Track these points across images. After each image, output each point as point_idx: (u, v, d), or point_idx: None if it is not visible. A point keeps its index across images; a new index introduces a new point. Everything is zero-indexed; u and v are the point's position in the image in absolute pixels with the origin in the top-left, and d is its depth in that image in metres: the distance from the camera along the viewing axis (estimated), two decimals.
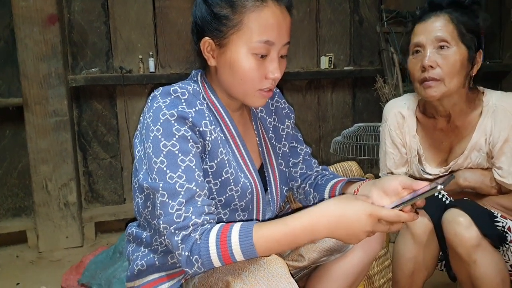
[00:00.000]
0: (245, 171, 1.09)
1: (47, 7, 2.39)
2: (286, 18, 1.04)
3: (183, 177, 0.94)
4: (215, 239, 0.89)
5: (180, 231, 0.91)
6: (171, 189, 0.93)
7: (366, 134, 2.61)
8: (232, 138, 1.10)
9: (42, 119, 2.45)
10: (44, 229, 2.52)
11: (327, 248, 1.19)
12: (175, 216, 0.91)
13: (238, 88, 1.04)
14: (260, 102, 1.07)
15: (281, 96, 1.30)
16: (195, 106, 1.00)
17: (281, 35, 1.02)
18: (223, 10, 1.01)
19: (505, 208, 1.34)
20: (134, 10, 2.75)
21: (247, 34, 1.00)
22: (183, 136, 0.96)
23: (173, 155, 0.95)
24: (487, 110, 1.37)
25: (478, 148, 1.38)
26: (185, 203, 0.92)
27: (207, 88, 1.11)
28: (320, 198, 1.21)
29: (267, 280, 0.89)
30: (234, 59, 1.01)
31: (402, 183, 1.00)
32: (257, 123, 1.23)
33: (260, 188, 1.11)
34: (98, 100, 2.77)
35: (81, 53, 2.69)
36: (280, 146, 1.26)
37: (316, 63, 3.17)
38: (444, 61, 1.31)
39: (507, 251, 1.30)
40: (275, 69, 1.02)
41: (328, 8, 3.16)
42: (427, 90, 1.34)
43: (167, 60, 2.86)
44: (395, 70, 3.06)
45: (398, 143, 1.51)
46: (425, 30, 1.34)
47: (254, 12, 0.99)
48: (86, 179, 2.80)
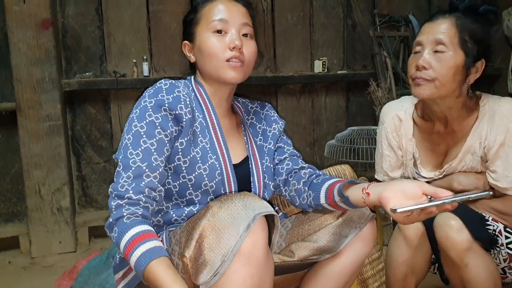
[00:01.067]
0: (217, 154, 1.20)
1: (41, 12, 2.39)
2: (236, 5, 1.24)
3: (140, 155, 1.08)
4: (128, 238, 1.01)
5: (117, 199, 1.05)
6: (126, 163, 1.08)
7: (359, 137, 2.62)
8: (212, 125, 1.23)
9: (35, 124, 2.44)
10: (37, 234, 2.51)
11: (317, 248, 1.22)
12: (120, 185, 1.06)
13: (209, 65, 1.20)
14: (231, 73, 1.19)
15: (272, 108, 1.44)
16: (173, 93, 1.15)
17: (233, 14, 1.22)
18: (190, 16, 1.27)
19: (498, 211, 1.35)
20: (128, 14, 2.75)
21: (205, 20, 1.22)
22: (152, 122, 1.10)
23: (138, 135, 1.10)
24: (483, 114, 1.37)
25: (473, 151, 1.39)
26: (132, 178, 1.06)
27: (197, 83, 1.28)
28: (316, 198, 1.24)
29: (242, 200, 1.02)
30: (200, 43, 1.22)
31: (424, 189, 1.04)
32: (245, 128, 1.34)
33: (231, 173, 1.20)
34: (92, 105, 2.77)
35: (75, 57, 2.69)
36: (266, 144, 1.35)
37: (310, 67, 3.19)
38: (438, 64, 1.30)
39: (498, 254, 1.31)
40: (234, 38, 1.19)
41: (322, 13, 3.18)
42: (416, 88, 1.34)
43: (161, 64, 2.86)
44: (388, 74, 3.08)
45: (394, 145, 1.52)
46: (429, 31, 1.34)
47: (208, 5, 1.23)
48: (80, 184, 2.79)
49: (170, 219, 1.19)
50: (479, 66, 1.34)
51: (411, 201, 1.03)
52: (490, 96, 1.41)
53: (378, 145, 1.58)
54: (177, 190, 1.18)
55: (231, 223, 0.97)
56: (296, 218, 1.33)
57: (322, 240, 1.21)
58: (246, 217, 0.97)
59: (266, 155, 1.33)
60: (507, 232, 1.32)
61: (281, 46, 3.11)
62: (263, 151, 1.34)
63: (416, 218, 1.04)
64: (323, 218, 1.25)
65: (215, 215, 1.00)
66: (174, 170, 1.17)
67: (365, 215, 1.23)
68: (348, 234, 1.22)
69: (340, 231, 1.22)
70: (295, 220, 1.32)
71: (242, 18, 1.23)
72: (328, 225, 1.23)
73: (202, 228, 0.99)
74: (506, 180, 1.32)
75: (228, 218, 0.98)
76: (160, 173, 1.10)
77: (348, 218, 1.23)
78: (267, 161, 1.33)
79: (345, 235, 1.22)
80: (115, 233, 1.03)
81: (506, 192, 1.33)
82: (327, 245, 1.21)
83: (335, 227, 1.23)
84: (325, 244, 1.21)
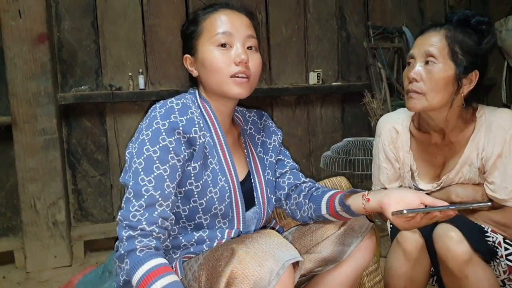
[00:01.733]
0: (226, 175, 1.16)
1: (37, 26, 2.39)
2: (240, 16, 1.19)
3: (153, 182, 1.03)
4: (143, 273, 0.96)
5: (129, 229, 0.99)
6: (138, 190, 1.02)
7: (355, 148, 2.62)
8: (220, 144, 1.19)
9: (30, 138, 2.43)
10: (32, 249, 2.48)
11: (322, 259, 1.23)
12: (132, 215, 1.00)
13: (213, 80, 1.15)
14: (236, 89, 1.15)
15: (269, 118, 1.41)
16: (187, 114, 1.10)
17: (237, 27, 1.16)
18: (190, 29, 1.21)
19: (496, 223, 1.35)
20: (123, 28, 2.76)
21: (207, 33, 1.16)
22: (166, 147, 1.05)
23: (151, 160, 1.04)
24: (480, 125, 1.38)
25: (470, 162, 1.39)
26: (145, 207, 1.01)
27: (202, 99, 1.22)
28: (317, 209, 1.24)
29: (268, 244, 0.97)
30: (203, 57, 1.16)
31: (423, 200, 1.06)
32: (245, 139, 1.31)
33: (239, 194, 1.18)
34: (88, 118, 2.76)
35: (70, 71, 2.69)
36: (267, 157, 1.34)
37: (305, 79, 3.20)
38: (428, 76, 1.32)
39: (498, 266, 1.31)
40: (239, 52, 1.14)
41: (316, 25, 3.20)
42: (409, 101, 1.36)
43: (157, 77, 2.86)
44: (383, 85, 3.10)
45: (391, 158, 1.52)
46: (420, 43, 1.36)
47: (208, 18, 1.18)
48: (75, 197, 2.77)
49: (179, 244, 1.15)
50: (472, 78, 1.35)
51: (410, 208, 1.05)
52: (486, 107, 1.41)
53: (375, 157, 1.58)
54: (186, 214, 1.15)
55: (259, 271, 0.94)
56: (297, 230, 1.32)
57: (326, 250, 1.22)
58: (275, 265, 0.94)
59: (267, 168, 1.32)
60: (507, 244, 1.32)
61: (276, 58, 3.13)
62: (264, 164, 1.32)
63: (417, 223, 1.05)
64: (325, 229, 1.26)
65: (242, 261, 0.96)
66: (184, 195, 1.13)
67: (365, 224, 1.24)
68: (351, 244, 1.22)
69: (343, 241, 1.22)
70: (296, 232, 1.32)
71: (246, 30, 1.18)
72: (331, 235, 1.24)
73: (229, 276, 0.96)
74: (504, 191, 1.32)
75: (256, 266, 0.94)
76: (172, 201, 1.06)
77: (349, 227, 1.24)
78: (268, 174, 1.31)
79: (348, 244, 1.22)
80: (126, 265, 0.98)
81: (505, 204, 1.33)
82: (331, 255, 1.21)
83: (338, 237, 1.23)
84: (329, 254, 1.21)
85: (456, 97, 1.34)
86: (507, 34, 3.25)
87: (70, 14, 2.65)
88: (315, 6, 3.19)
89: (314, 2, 3.18)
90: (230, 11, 1.19)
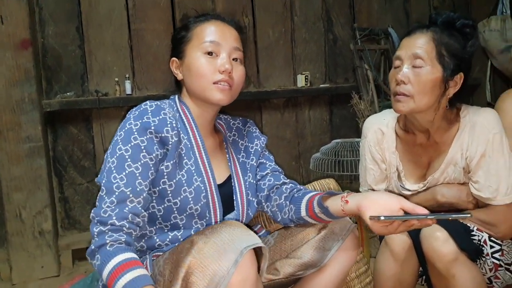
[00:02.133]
0: (203, 176, 1.19)
1: (20, 32, 2.36)
2: (229, 28, 1.25)
3: (124, 180, 1.05)
4: (112, 266, 0.97)
5: (100, 225, 1.02)
6: (109, 188, 1.05)
7: (344, 149, 2.63)
8: (197, 146, 1.22)
9: (15, 146, 2.39)
10: (17, 259, 2.44)
11: (301, 264, 1.22)
12: (103, 211, 1.03)
13: (197, 84, 1.20)
14: (218, 95, 1.20)
15: (254, 124, 1.45)
16: (159, 115, 1.13)
17: (225, 38, 1.22)
18: (180, 34, 1.26)
19: (481, 221, 1.35)
20: (109, 33, 2.74)
21: (197, 40, 1.22)
22: (137, 145, 1.08)
23: (123, 158, 1.07)
24: (464, 125, 1.39)
25: (455, 162, 1.40)
26: (116, 203, 1.03)
27: (182, 103, 1.26)
28: (297, 211, 1.24)
29: (228, 233, 1.00)
30: (190, 61, 1.21)
31: (402, 205, 1.05)
32: (228, 145, 1.34)
33: (216, 195, 1.19)
34: (74, 124, 2.73)
35: (55, 77, 2.66)
36: (249, 161, 1.35)
37: (292, 81, 3.20)
38: (416, 78, 1.32)
39: (484, 264, 1.31)
40: (224, 62, 1.19)
41: (303, 28, 3.21)
42: (396, 104, 1.36)
43: (143, 82, 2.85)
44: (370, 86, 3.11)
45: (378, 159, 1.52)
46: (407, 45, 1.36)
47: (200, 26, 1.24)
48: (62, 206, 2.74)
49: (153, 244, 1.16)
50: (457, 80, 1.36)
51: (388, 213, 1.04)
52: (470, 107, 1.42)
53: (361, 158, 1.58)
54: (162, 214, 1.16)
55: (218, 259, 0.95)
56: (279, 234, 1.32)
57: (306, 255, 1.21)
58: (234, 253, 0.95)
59: (248, 172, 1.33)
60: (492, 242, 1.33)
61: (264, 61, 3.13)
62: (245, 168, 1.34)
63: (394, 229, 1.05)
64: (305, 233, 1.25)
65: (201, 251, 0.98)
66: (159, 194, 1.15)
67: (346, 227, 1.24)
68: (331, 247, 1.22)
69: (323, 245, 1.22)
70: (278, 236, 1.32)
71: (233, 42, 1.24)
72: (311, 239, 1.23)
73: (188, 266, 0.98)
74: (488, 190, 1.33)
75: (215, 254, 0.96)
76: (144, 198, 1.08)
77: (330, 231, 1.23)
78: (249, 177, 1.33)
79: (329, 248, 1.22)
80: (97, 261, 1.00)
81: (489, 202, 1.34)
82: (311, 260, 1.21)
83: (318, 241, 1.22)
84: (309, 259, 1.21)
85: (442, 99, 1.35)
86: (489, 35, 3.29)
87: (54, 19, 2.63)
88: (301, 9, 3.20)
89: (300, 5, 3.19)
90: (220, 23, 1.25)
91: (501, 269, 1.33)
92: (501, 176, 1.32)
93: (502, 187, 1.32)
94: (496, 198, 1.32)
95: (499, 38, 3.26)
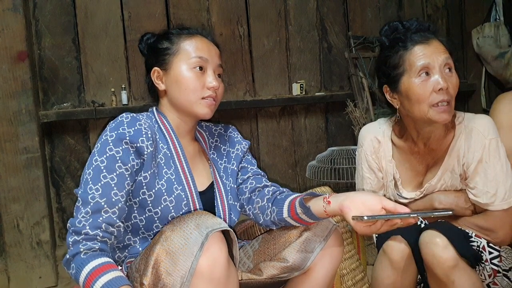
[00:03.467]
0: (183, 184, 1.21)
1: (17, 44, 2.37)
2: (213, 46, 1.31)
3: (100, 190, 1.07)
4: (87, 272, 0.99)
5: (74, 235, 1.03)
6: (85, 198, 1.07)
7: (340, 157, 2.64)
8: (177, 155, 1.24)
9: (12, 157, 2.39)
10: (15, 270, 2.43)
11: (285, 266, 1.22)
12: (77, 221, 1.05)
13: (185, 98, 1.23)
14: (205, 110, 1.24)
15: (236, 130, 1.48)
16: (135, 126, 1.15)
17: (212, 55, 1.27)
18: (164, 44, 1.28)
19: (480, 227, 1.36)
20: (105, 44, 2.75)
21: (185, 54, 1.25)
22: (112, 156, 1.10)
23: (98, 169, 1.09)
24: (459, 132, 1.40)
25: (451, 169, 1.41)
26: (90, 213, 1.05)
27: (160, 114, 1.29)
28: (279, 212, 1.25)
29: (194, 220, 1.03)
30: (178, 74, 1.24)
31: (384, 204, 1.07)
32: (210, 152, 1.37)
33: (198, 202, 1.21)
34: (71, 135, 2.73)
35: (52, 88, 2.66)
36: (229, 166, 1.38)
37: (288, 90, 3.22)
38: (452, 84, 1.32)
39: (483, 270, 1.32)
40: (212, 79, 1.24)
41: (298, 37, 3.23)
42: (442, 114, 1.31)
43: (140, 92, 2.86)
44: (365, 94, 3.13)
45: (374, 167, 1.53)
46: (432, 53, 1.31)
47: (187, 40, 1.27)
48: (60, 216, 2.73)
49: (137, 252, 1.18)
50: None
51: (370, 213, 1.05)
52: (465, 113, 1.43)
53: (358, 167, 1.59)
54: (144, 224, 1.18)
55: (184, 244, 0.98)
56: (263, 238, 1.33)
57: (289, 258, 1.22)
58: (199, 236, 0.98)
59: (230, 176, 1.36)
60: (490, 248, 1.33)
61: (259, 70, 3.14)
62: (227, 173, 1.37)
63: (377, 229, 1.06)
64: (287, 236, 1.26)
65: (168, 238, 1.01)
66: (139, 204, 1.16)
67: (328, 227, 1.24)
68: (314, 249, 1.22)
69: (305, 247, 1.22)
70: (262, 240, 1.32)
71: (218, 60, 1.30)
72: (293, 242, 1.24)
73: (157, 254, 1.00)
74: (486, 195, 1.34)
75: (182, 240, 0.99)
76: (119, 208, 1.10)
77: (311, 232, 1.24)
78: (230, 182, 1.36)
79: (311, 250, 1.22)
80: (72, 270, 1.02)
81: (487, 208, 1.35)
82: (295, 263, 1.22)
83: (300, 243, 1.23)
84: (293, 262, 1.22)
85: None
86: (483, 41, 3.33)
87: (50, 31, 2.64)
88: (296, 18, 3.22)
89: (295, 14, 3.22)
90: (206, 40, 1.30)
91: (499, 275, 1.33)
92: (498, 182, 1.33)
93: (500, 193, 1.33)
94: (494, 203, 1.33)
95: (493, 45, 3.30)
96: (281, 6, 3.18)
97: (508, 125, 1.46)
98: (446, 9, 3.61)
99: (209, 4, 2.99)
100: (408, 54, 1.34)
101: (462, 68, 3.64)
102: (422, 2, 3.56)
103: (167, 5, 2.88)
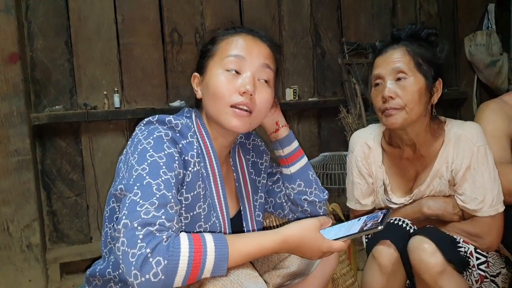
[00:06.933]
0: (218, 211, 1.08)
1: (8, 46, 2.36)
2: (259, 43, 1.09)
3: (162, 185, 0.90)
4: (187, 242, 0.84)
5: (144, 227, 0.83)
6: (147, 190, 0.88)
7: (332, 163, 2.65)
8: (214, 176, 1.08)
9: (3, 159, 2.38)
10: (5, 273, 2.41)
11: (290, 273, 1.23)
12: (143, 212, 0.85)
13: (213, 105, 1.05)
14: (233, 122, 1.03)
15: (257, 136, 1.33)
16: (187, 138, 1.01)
17: (253, 53, 1.06)
18: (207, 47, 1.13)
19: (467, 233, 1.37)
20: (98, 47, 2.75)
21: (220, 54, 1.07)
22: (171, 154, 0.95)
23: (157, 165, 0.92)
24: (448, 139, 1.41)
25: (440, 175, 1.42)
26: (157, 205, 0.87)
27: (199, 123, 1.11)
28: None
29: (236, 275, 0.90)
30: (209, 79, 1.07)
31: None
32: (236, 165, 1.23)
33: (228, 229, 1.11)
34: (62, 138, 2.72)
35: (44, 91, 2.65)
36: (260, 179, 1.28)
37: (281, 95, 3.23)
38: (403, 91, 1.34)
39: (470, 276, 1.33)
40: (245, 82, 1.02)
41: (291, 42, 3.25)
42: (388, 118, 1.37)
43: (132, 95, 2.85)
44: (358, 100, 3.15)
45: (364, 173, 1.54)
46: (384, 62, 1.39)
47: (226, 38, 1.09)
48: (51, 219, 2.71)
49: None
50: (438, 86, 1.41)
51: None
52: (454, 121, 1.45)
53: (348, 173, 1.60)
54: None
55: None
56: None
57: (294, 265, 1.23)
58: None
59: (259, 191, 1.27)
60: (478, 253, 1.34)
61: None
62: (256, 187, 1.26)
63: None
64: None
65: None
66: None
67: None
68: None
69: None
70: None
71: (262, 59, 1.07)
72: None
73: None
74: (474, 202, 1.35)
75: None
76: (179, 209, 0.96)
77: None
78: (261, 197, 1.27)
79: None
80: (161, 265, 0.81)
81: (475, 214, 1.36)
82: (299, 269, 1.22)
83: None
84: (297, 268, 1.22)
85: (428, 106, 1.39)
86: (475, 49, 3.36)
87: (43, 33, 2.63)
88: (290, 23, 3.24)
89: (289, 19, 3.23)
90: (251, 37, 1.09)
91: (486, 281, 1.34)
92: (486, 188, 1.34)
93: (487, 199, 1.34)
94: (482, 209, 1.34)
95: (484, 53, 3.33)
96: (275, 12, 3.19)
97: (492, 134, 1.48)
98: (439, 16, 3.65)
99: (203, 8, 2.99)
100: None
101: (454, 75, 3.67)
102: (416, 10, 3.60)
103: (160, 8, 2.88)
